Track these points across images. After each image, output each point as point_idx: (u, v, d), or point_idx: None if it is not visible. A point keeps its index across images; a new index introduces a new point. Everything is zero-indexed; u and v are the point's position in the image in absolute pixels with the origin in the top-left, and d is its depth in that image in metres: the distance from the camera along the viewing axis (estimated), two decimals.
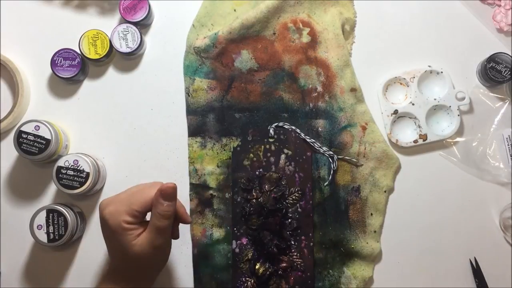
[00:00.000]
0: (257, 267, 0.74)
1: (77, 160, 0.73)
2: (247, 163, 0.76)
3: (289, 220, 0.75)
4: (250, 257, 0.74)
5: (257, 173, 0.76)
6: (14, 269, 0.77)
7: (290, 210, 0.75)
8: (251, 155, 0.76)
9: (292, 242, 0.75)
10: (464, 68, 0.80)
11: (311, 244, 0.75)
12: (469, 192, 0.78)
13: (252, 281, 0.74)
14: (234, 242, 0.75)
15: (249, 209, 0.74)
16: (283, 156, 0.76)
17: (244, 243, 0.75)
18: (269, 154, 0.76)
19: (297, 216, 0.75)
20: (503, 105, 0.79)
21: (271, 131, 0.77)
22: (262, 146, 0.77)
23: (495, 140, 0.78)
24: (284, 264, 0.74)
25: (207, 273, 0.75)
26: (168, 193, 0.63)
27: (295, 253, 0.75)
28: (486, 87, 0.80)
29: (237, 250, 0.75)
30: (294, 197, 0.75)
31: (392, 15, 0.81)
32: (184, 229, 0.77)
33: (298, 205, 0.75)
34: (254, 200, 0.75)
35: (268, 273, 0.73)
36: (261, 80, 0.78)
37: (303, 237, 0.75)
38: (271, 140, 0.76)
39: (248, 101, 0.78)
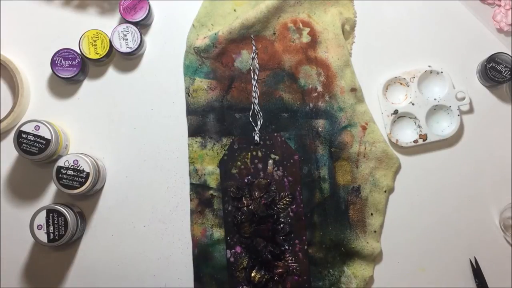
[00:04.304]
0: (252, 274, 0.73)
1: (77, 160, 0.73)
2: (235, 171, 0.76)
3: (282, 225, 0.75)
4: (245, 265, 0.74)
5: (246, 180, 0.76)
6: (14, 269, 0.77)
7: (281, 215, 0.75)
8: (239, 163, 0.76)
9: (286, 247, 0.75)
10: (464, 68, 0.80)
11: (305, 247, 0.74)
12: (469, 192, 0.78)
13: None
14: (228, 251, 0.75)
15: (240, 217, 0.74)
16: (270, 161, 0.76)
17: (239, 251, 0.75)
18: (256, 161, 0.76)
19: (289, 220, 0.75)
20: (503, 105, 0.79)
21: (256, 137, 0.76)
22: (249, 153, 0.76)
23: None
24: (280, 270, 0.74)
25: (207, 273, 0.75)
26: None
27: (290, 258, 0.74)
28: (486, 87, 0.80)
29: (232, 259, 0.75)
30: (284, 201, 0.75)
31: (392, 15, 0.81)
32: (184, 229, 0.77)
33: (289, 209, 0.75)
34: (245, 208, 0.75)
35: (264, 280, 0.73)
36: (261, 80, 0.78)
37: (296, 241, 0.75)
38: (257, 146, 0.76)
39: (248, 101, 0.78)
